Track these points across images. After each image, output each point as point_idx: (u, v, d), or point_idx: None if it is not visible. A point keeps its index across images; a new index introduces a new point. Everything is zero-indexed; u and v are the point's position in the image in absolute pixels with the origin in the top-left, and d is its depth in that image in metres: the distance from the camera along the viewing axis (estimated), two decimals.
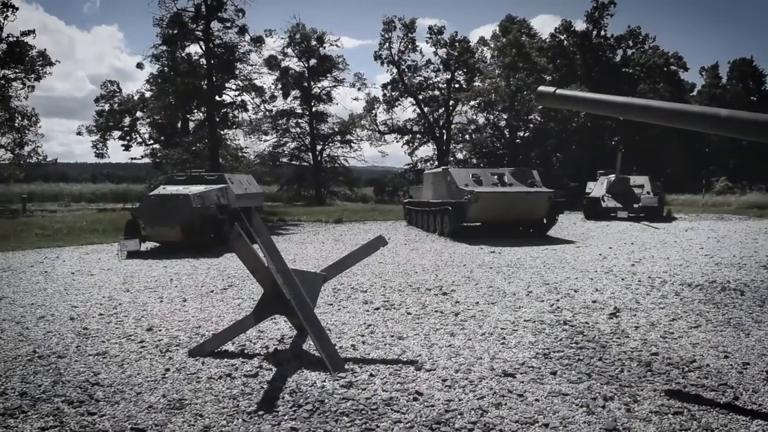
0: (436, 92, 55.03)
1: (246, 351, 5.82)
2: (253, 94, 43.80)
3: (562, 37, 54.63)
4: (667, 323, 6.92)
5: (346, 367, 5.24)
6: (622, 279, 9.99)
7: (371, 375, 5.06)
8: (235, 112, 42.95)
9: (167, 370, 5.26)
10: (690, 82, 66.85)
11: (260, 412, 4.31)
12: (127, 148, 46.86)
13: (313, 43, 51.35)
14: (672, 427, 4.05)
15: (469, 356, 5.58)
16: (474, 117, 54.42)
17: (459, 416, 4.21)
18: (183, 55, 38.94)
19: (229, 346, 5.92)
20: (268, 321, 6.72)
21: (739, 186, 47.09)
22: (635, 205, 25.55)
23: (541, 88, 5.74)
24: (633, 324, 6.87)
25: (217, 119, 39.55)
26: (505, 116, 50.75)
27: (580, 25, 55.07)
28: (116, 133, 46.81)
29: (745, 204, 37.04)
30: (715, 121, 4.67)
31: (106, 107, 46.58)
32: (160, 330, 6.72)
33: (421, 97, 54.53)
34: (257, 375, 5.12)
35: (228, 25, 38.50)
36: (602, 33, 55.41)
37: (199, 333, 6.56)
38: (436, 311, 7.52)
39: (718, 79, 68.57)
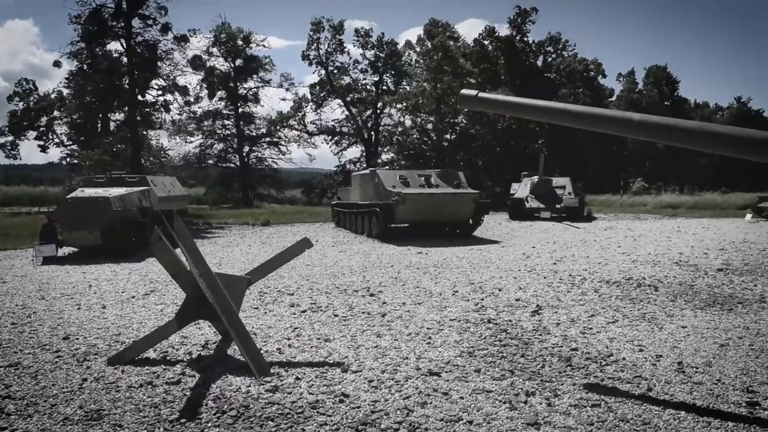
0: (364, 94, 55.19)
1: (168, 358, 5.68)
2: (176, 94, 42.77)
3: (487, 42, 55.74)
4: (587, 319, 7.16)
5: (272, 371, 5.18)
6: (545, 277, 10.27)
7: (297, 378, 5.02)
8: (157, 113, 41.82)
9: (84, 380, 5.07)
10: (609, 88, 69.45)
11: (182, 420, 4.21)
12: (44, 149, 45.01)
13: (239, 42, 50.63)
14: (590, 419, 4.19)
15: (396, 356, 5.62)
16: (401, 119, 54.93)
17: (385, 416, 4.23)
18: (103, 52, 37.60)
19: (151, 353, 5.75)
20: (192, 326, 6.58)
21: (655, 187, 49.20)
22: (557, 206, 26.33)
23: (464, 91, 5.83)
24: (554, 321, 7.08)
25: (139, 119, 38.40)
26: (431, 119, 51.39)
27: (504, 31, 56.37)
28: (32, 134, 44.89)
29: (660, 204, 38.75)
30: (628, 124, 4.86)
31: (21, 106, 44.60)
32: (77, 338, 6.46)
33: (349, 98, 54.58)
34: (180, 382, 5.00)
35: (150, 22, 37.46)
36: (525, 39, 56.86)
37: (119, 341, 6.35)
38: (363, 312, 7.54)
39: (634, 85, 71.64)
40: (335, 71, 54.54)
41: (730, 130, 4.50)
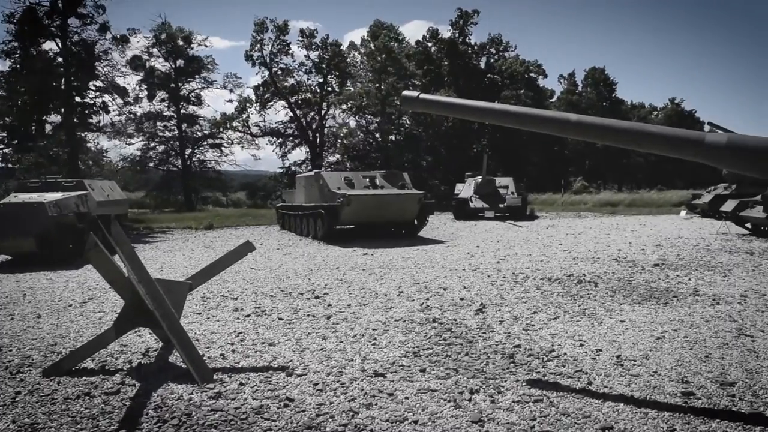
0: (309, 95, 54.91)
1: (107, 367, 5.51)
2: (114, 95, 41.69)
3: (430, 44, 56.23)
4: (529, 316, 7.28)
5: (215, 377, 5.09)
6: (488, 276, 10.41)
7: (241, 384, 4.95)
8: (95, 115, 40.65)
9: (18, 393, 4.88)
10: (550, 89, 71.02)
11: (122, 431, 4.09)
12: None
13: (180, 43, 49.70)
14: (533, 414, 4.26)
15: (341, 358, 5.60)
16: (346, 120, 54.89)
17: (330, 419, 4.21)
18: (37, 52, 36.34)
19: (89, 363, 5.58)
20: (132, 334, 6.42)
21: (594, 185, 50.57)
22: (501, 205, 26.72)
23: (406, 92, 5.86)
24: (498, 318, 7.17)
25: (76, 121, 37.25)
26: (376, 120, 51.51)
27: (447, 33, 56.96)
28: None
29: (599, 202, 39.80)
30: (566, 125, 4.97)
31: None
32: (10, 350, 6.22)
33: (293, 100, 54.20)
34: (119, 392, 4.86)
35: (87, 21, 36.42)
36: (467, 41, 57.60)
37: (54, 351, 6.13)
38: (308, 315, 7.49)
39: (574, 86, 73.47)
40: (279, 72, 54.10)
41: (661, 130, 4.65)
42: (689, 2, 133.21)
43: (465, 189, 28.18)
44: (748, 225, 17.92)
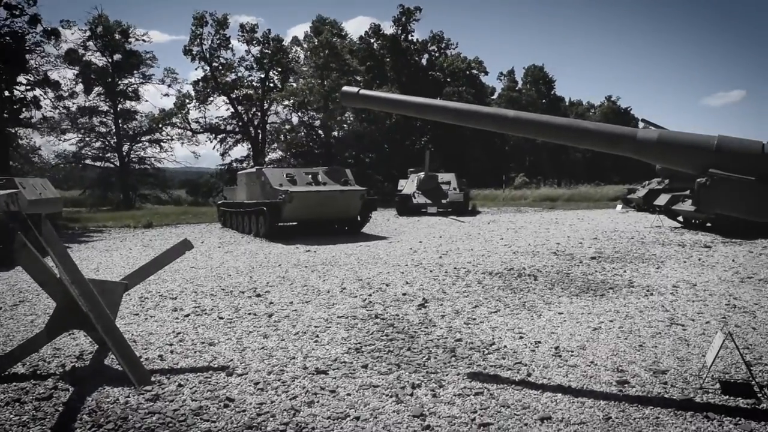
0: (250, 91, 54.23)
1: (39, 372, 5.31)
2: (47, 89, 40.23)
3: (373, 40, 56.25)
4: (470, 310, 7.37)
5: (153, 379, 4.96)
6: (431, 271, 10.48)
7: (180, 385, 4.84)
8: (27, 110, 39.12)
9: None
10: (491, 86, 72.01)
11: None
12: None
13: (118, 36, 48.33)
14: (473, 407, 4.30)
15: (282, 357, 5.54)
16: (289, 117, 54.44)
17: (271, 419, 4.16)
18: None
19: (20, 368, 5.36)
20: (66, 337, 6.21)
21: (535, 181, 51.51)
22: (443, 201, 26.95)
23: (346, 88, 5.85)
24: (440, 313, 7.23)
25: (6, 116, 35.80)
26: (319, 116, 51.25)
27: (390, 29, 57.09)
28: None
29: (539, 197, 40.62)
30: (504, 121, 5.05)
31: None
32: None
33: (234, 95, 53.44)
34: (51, 397, 4.68)
35: (16, 13, 34.99)
36: (409, 37, 57.87)
37: None
38: (249, 314, 7.38)
39: (514, 83, 74.72)
40: (220, 67, 53.24)
41: (596, 127, 4.77)
42: (625, 3, 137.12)
43: (408, 185, 28.31)
44: (680, 218, 18.60)
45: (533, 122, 4.92)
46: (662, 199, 18.82)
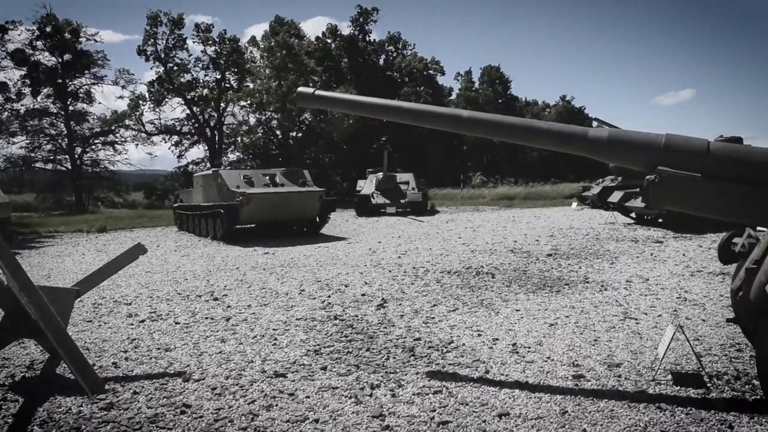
0: (206, 92, 53.54)
1: None
2: None
3: (330, 41, 56.08)
4: (429, 309, 7.40)
5: (107, 387, 4.86)
6: (390, 271, 10.50)
7: (135, 392, 4.75)
8: None
9: None
10: (448, 87, 72.50)
11: None
12: None
13: (68, 36, 47.16)
14: (432, 405, 4.32)
15: (240, 361, 5.49)
16: (246, 118, 53.93)
17: (229, 424, 4.11)
18: None
19: None
20: (15, 346, 6.03)
21: (492, 180, 52.08)
22: (402, 201, 27.01)
23: (301, 89, 5.83)
24: (399, 313, 7.25)
25: None
26: (277, 117, 50.89)
27: (347, 30, 56.98)
28: None
29: (497, 196, 41.05)
30: (458, 121, 5.09)
31: None
32: None
33: (190, 96, 52.69)
34: (1, 409, 4.54)
35: None
36: (367, 38, 57.86)
37: None
38: (206, 318, 7.29)
39: (471, 83, 75.38)
40: (175, 68, 52.43)
41: (548, 126, 4.85)
42: (579, 3, 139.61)
43: (367, 185, 28.29)
44: (633, 215, 19.01)
45: (487, 122, 4.97)
46: (615, 197, 19.20)
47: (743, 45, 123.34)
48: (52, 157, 49.80)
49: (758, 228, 4.49)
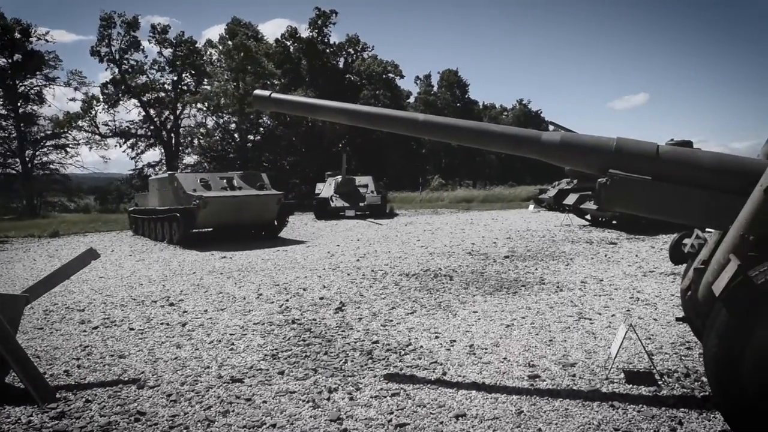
0: (162, 94, 52.74)
1: None
2: None
3: (288, 43, 55.80)
4: (387, 312, 7.42)
5: (58, 395, 4.74)
6: (348, 274, 10.50)
7: (87, 401, 4.65)
8: None
9: None
10: (407, 90, 72.75)
11: None
12: None
13: (18, 35, 45.93)
14: (390, 408, 4.34)
15: (197, 366, 5.42)
16: (203, 120, 53.28)
17: (185, 431, 4.06)
18: None
19: None
20: None
21: (451, 182, 52.37)
22: (361, 204, 27.01)
23: (257, 92, 5.79)
24: (357, 316, 7.25)
25: None
26: (235, 120, 50.40)
27: (306, 32, 56.77)
28: None
29: (455, 199, 41.30)
30: (414, 124, 5.12)
31: None
32: None
33: (145, 98, 51.82)
34: None
35: None
36: (326, 40, 57.73)
37: None
38: (161, 324, 7.17)
39: (430, 87, 75.82)
40: (130, 69, 51.50)
41: (503, 130, 4.91)
42: (537, 9, 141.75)
43: (325, 188, 28.22)
44: (588, 217, 19.35)
45: (443, 126, 5.02)
46: (571, 199, 19.52)
47: (696, 51, 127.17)
48: (1, 161, 48.45)
49: (706, 229, 4.62)
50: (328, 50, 57.77)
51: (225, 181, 17.90)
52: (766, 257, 3.39)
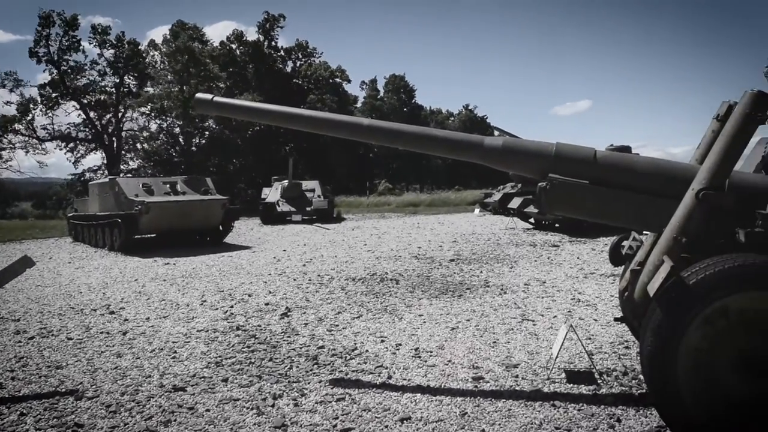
0: (104, 96, 51.40)
1: None
2: None
3: (234, 46, 55.18)
4: (334, 317, 7.41)
5: None
6: (294, 279, 10.43)
7: (22, 414, 4.49)
8: None
9: None
10: (353, 95, 72.84)
11: None
12: None
13: None
14: (335, 413, 4.33)
15: (137, 376, 5.29)
16: (147, 124, 52.17)
17: None
18: None
19: None
20: None
21: (398, 187, 52.66)
22: (308, 209, 26.91)
23: (199, 95, 5.70)
24: (303, 321, 7.21)
25: None
26: (179, 123, 49.52)
27: (253, 35, 56.29)
28: None
29: (402, 203, 41.51)
30: (359, 129, 5.13)
31: None
32: None
33: (86, 101, 50.41)
34: None
35: None
36: (273, 44, 57.34)
37: None
38: (101, 333, 6.98)
39: (377, 92, 76.06)
40: (69, 71, 50.03)
41: (446, 135, 4.97)
42: (483, 14, 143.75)
43: (272, 193, 28.00)
44: (532, 220, 19.73)
45: (387, 130, 5.04)
46: (515, 203, 19.84)
47: (637, 59, 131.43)
48: None
49: (644, 231, 4.77)
50: (275, 54, 57.38)
51: (168, 185, 17.58)
52: (698, 258, 3.51)
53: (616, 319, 5.21)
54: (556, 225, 18.22)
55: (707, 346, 3.42)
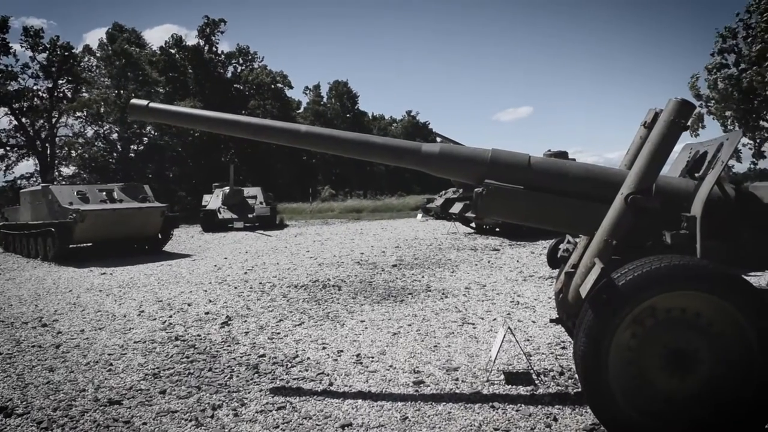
0: (36, 101, 49.67)
1: None
2: None
3: (174, 51, 54.21)
4: (275, 324, 7.35)
5: None
6: (235, 287, 10.30)
7: None
8: None
9: None
10: (296, 100, 72.52)
11: None
12: None
13: None
14: (276, 422, 4.29)
15: (71, 390, 5.13)
16: (82, 129, 50.65)
17: None
18: None
19: None
20: None
21: (342, 193, 52.62)
22: (250, 216, 26.65)
23: (134, 101, 5.58)
24: (243, 330, 7.13)
25: None
26: (117, 129, 48.29)
27: (193, 40, 55.42)
28: None
29: (345, 209, 41.53)
30: (297, 135, 5.11)
31: None
32: None
33: (17, 106, 48.61)
34: None
35: None
36: (214, 49, 56.58)
37: None
38: (33, 346, 6.74)
39: (320, 98, 75.97)
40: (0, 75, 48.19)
41: (384, 141, 5.01)
42: (424, 21, 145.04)
43: (213, 200, 27.61)
44: (473, 224, 20.01)
45: (326, 137, 5.04)
46: (457, 207, 20.08)
47: (576, 66, 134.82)
48: None
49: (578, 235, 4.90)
50: (216, 59, 56.63)
51: (104, 193, 17.13)
52: (628, 260, 3.64)
53: (552, 321, 5.34)
54: (497, 229, 18.54)
55: (637, 344, 3.55)
